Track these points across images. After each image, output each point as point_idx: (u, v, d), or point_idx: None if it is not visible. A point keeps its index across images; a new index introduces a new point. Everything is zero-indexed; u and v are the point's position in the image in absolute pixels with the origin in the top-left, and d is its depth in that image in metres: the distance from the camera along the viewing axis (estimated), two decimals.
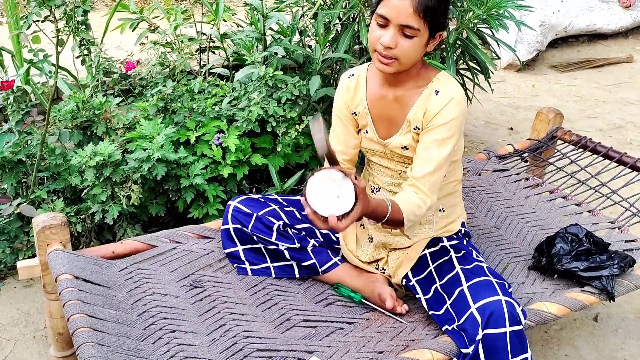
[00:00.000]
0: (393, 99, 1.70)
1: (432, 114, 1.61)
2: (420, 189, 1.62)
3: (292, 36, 2.62)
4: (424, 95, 1.65)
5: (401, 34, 1.52)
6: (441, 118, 1.60)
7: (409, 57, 1.55)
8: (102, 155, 2.08)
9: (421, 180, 1.62)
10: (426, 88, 1.65)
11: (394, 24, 1.52)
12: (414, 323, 1.67)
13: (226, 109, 2.43)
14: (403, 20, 1.50)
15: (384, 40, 1.53)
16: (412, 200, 1.61)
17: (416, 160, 1.65)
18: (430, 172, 1.61)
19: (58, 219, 1.72)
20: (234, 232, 1.85)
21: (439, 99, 1.62)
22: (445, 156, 1.61)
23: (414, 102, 1.66)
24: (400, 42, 1.53)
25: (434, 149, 1.61)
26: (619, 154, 2.34)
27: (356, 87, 1.77)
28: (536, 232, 2.07)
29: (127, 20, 2.94)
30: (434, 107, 1.61)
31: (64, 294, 1.55)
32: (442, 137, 1.60)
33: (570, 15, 4.87)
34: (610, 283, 1.71)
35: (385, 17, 1.52)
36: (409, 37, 1.52)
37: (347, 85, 1.78)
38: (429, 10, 1.50)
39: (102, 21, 3.00)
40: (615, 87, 4.54)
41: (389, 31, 1.53)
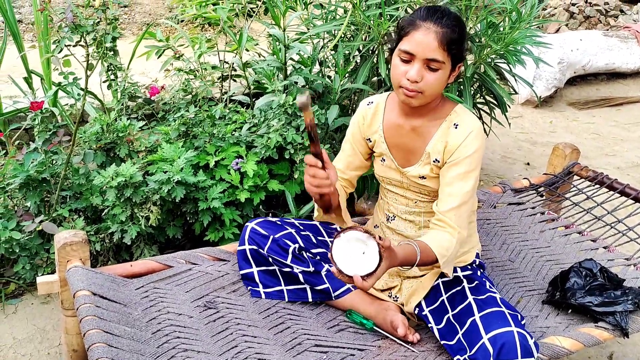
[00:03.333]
0: (410, 129, 1.74)
1: (453, 148, 1.64)
2: (447, 223, 1.65)
3: (312, 66, 2.68)
4: (443, 128, 1.69)
5: (426, 67, 1.57)
6: (462, 152, 1.63)
7: (434, 89, 1.60)
8: (123, 176, 2.13)
9: (447, 214, 1.65)
10: (445, 121, 1.69)
11: (419, 59, 1.57)
12: (426, 352, 1.67)
13: (245, 135, 2.49)
14: (429, 54, 1.55)
15: (411, 75, 1.57)
16: (441, 237, 1.63)
17: (441, 195, 1.68)
18: (456, 207, 1.64)
19: (79, 237, 1.76)
20: (250, 254, 1.88)
21: (459, 133, 1.65)
22: (470, 190, 1.64)
23: (433, 134, 1.70)
24: (425, 75, 1.58)
25: (457, 183, 1.64)
26: (635, 191, 2.33)
27: (374, 115, 1.82)
28: (551, 267, 2.07)
29: (154, 47, 3.04)
30: (455, 141, 1.65)
31: (82, 310, 1.58)
32: (465, 171, 1.63)
33: (589, 54, 4.91)
34: (625, 319, 1.70)
35: (410, 53, 1.57)
36: (434, 70, 1.57)
37: (365, 112, 1.84)
38: (452, 42, 1.56)
39: (129, 48, 3.10)
40: (634, 125, 4.54)
41: (415, 66, 1.57)
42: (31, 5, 4.99)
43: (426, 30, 1.56)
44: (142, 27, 6.60)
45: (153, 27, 5.07)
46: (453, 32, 1.56)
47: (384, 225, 1.86)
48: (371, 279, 1.43)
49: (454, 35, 1.56)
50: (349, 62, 2.56)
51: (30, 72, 2.82)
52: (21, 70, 2.88)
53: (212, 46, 3.14)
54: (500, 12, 2.60)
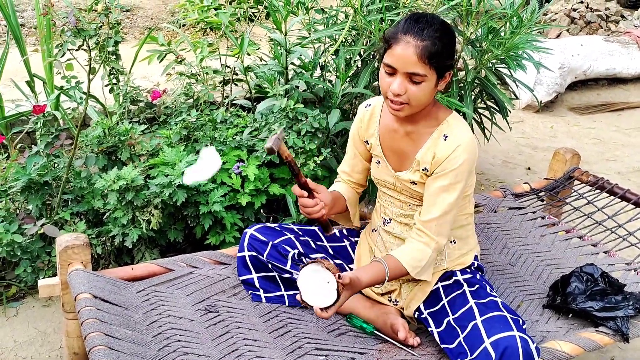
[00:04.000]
0: (404, 134, 1.74)
1: (440, 160, 1.65)
2: (424, 232, 1.67)
3: (313, 71, 2.69)
4: (433, 137, 1.69)
5: (409, 80, 1.57)
6: (448, 165, 1.63)
7: (418, 101, 1.60)
8: (125, 179, 2.14)
9: (427, 224, 1.67)
10: (436, 130, 1.69)
11: (401, 72, 1.56)
12: (426, 356, 1.67)
13: (247, 139, 2.49)
14: (409, 68, 1.55)
15: (393, 89, 1.58)
16: (414, 247, 1.67)
17: (424, 204, 1.69)
18: (436, 217, 1.65)
19: (81, 240, 1.77)
20: (249, 260, 1.88)
21: (447, 145, 1.65)
22: (452, 201, 1.65)
23: (424, 142, 1.70)
24: (408, 88, 1.57)
25: (440, 195, 1.65)
26: (636, 196, 2.34)
27: (371, 117, 1.83)
28: (551, 271, 2.07)
29: (156, 52, 3.05)
30: (442, 153, 1.65)
31: (83, 313, 1.58)
32: (449, 183, 1.64)
33: (589, 59, 4.92)
34: (625, 324, 1.70)
35: (392, 66, 1.57)
36: (417, 82, 1.56)
37: (363, 115, 1.85)
38: (433, 56, 1.54)
39: (131, 52, 3.11)
40: (635, 131, 4.54)
41: (397, 79, 1.57)
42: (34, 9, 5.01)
43: (405, 44, 1.54)
44: (144, 31, 6.63)
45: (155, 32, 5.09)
46: (433, 44, 1.53)
47: (381, 229, 1.86)
48: (330, 310, 1.51)
49: (434, 48, 1.53)
50: (350, 67, 2.57)
51: (33, 76, 2.84)
52: (24, 74, 2.89)
53: (214, 50, 3.15)
54: (500, 17, 2.61)
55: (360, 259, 1.91)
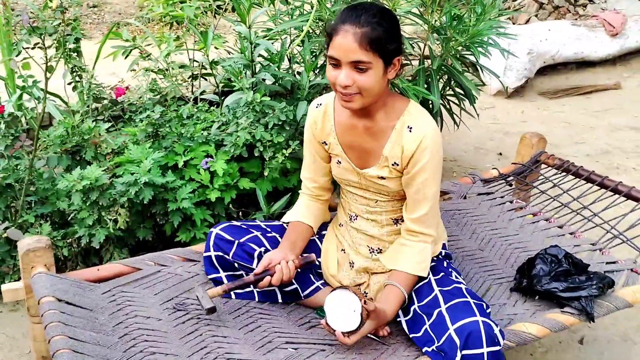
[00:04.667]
0: (364, 130, 1.71)
1: (410, 153, 1.63)
2: (418, 232, 1.69)
3: (280, 63, 2.67)
4: (397, 130, 1.66)
5: (355, 70, 1.54)
6: (421, 157, 1.62)
7: (369, 90, 1.57)
8: (89, 179, 2.10)
9: (419, 221, 1.68)
10: (398, 122, 1.66)
11: (345, 62, 1.54)
12: (396, 344, 1.67)
13: (215, 134, 2.47)
14: (351, 57, 1.52)
15: (340, 80, 1.55)
16: (414, 252, 1.69)
17: (410, 202, 1.69)
18: (426, 212, 1.67)
19: (42, 242, 1.74)
20: (215, 259, 1.86)
21: (414, 137, 1.63)
22: (436, 190, 1.66)
23: (387, 136, 1.67)
24: (356, 78, 1.54)
25: (424, 188, 1.65)
26: (600, 177, 2.37)
27: (324, 117, 1.78)
28: (519, 254, 2.09)
29: (120, 47, 3.00)
30: (410, 146, 1.63)
31: (46, 316, 1.55)
32: (429, 175, 1.64)
33: (558, 44, 4.96)
34: (590, 304, 1.72)
35: (335, 58, 1.55)
36: (363, 70, 1.54)
37: (316, 115, 1.79)
38: (374, 42, 1.51)
39: (96, 48, 3.05)
40: (603, 113, 4.60)
41: (342, 70, 1.55)
42: None
43: (344, 33, 1.52)
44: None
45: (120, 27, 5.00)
46: (373, 30, 1.51)
47: (348, 225, 1.85)
48: (354, 336, 1.55)
49: (374, 33, 1.51)
50: (317, 58, 2.55)
51: None
52: None
53: (181, 45, 3.11)
54: (464, 3, 2.62)
55: (327, 253, 1.90)
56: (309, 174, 1.88)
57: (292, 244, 1.79)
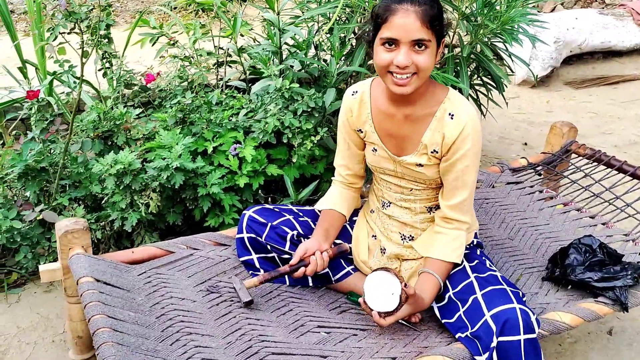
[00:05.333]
0: (403, 118, 1.70)
1: (452, 140, 1.63)
2: (453, 219, 1.69)
3: (307, 50, 2.67)
4: (437, 117, 1.66)
5: (413, 49, 1.53)
6: (463, 144, 1.62)
7: (426, 70, 1.56)
8: (122, 163, 2.13)
9: (455, 208, 1.68)
10: (438, 109, 1.65)
11: (405, 42, 1.52)
12: (427, 331, 1.68)
13: (243, 120, 2.48)
14: (414, 35, 1.51)
15: (400, 61, 1.52)
16: (449, 239, 1.69)
17: (448, 189, 1.68)
18: (464, 200, 1.67)
19: (80, 224, 1.77)
20: (248, 241, 1.88)
21: (455, 124, 1.62)
22: (474, 178, 1.67)
23: (427, 123, 1.67)
24: (414, 58, 1.53)
25: (465, 176, 1.65)
26: (633, 168, 2.34)
27: (360, 105, 1.77)
28: (550, 244, 2.08)
29: (148, 35, 3.02)
30: (452, 133, 1.62)
31: (85, 296, 1.59)
32: (470, 162, 1.64)
33: (584, 33, 4.89)
34: (624, 294, 1.71)
35: (394, 38, 1.53)
36: (422, 50, 1.53)
37: (352, 103, 1.79)
38: (434, 18, 1.52)
39: (123, 36, 3.08)
40: (631, 103, 4.54)
41: (401, 50, 1.53)
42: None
43: (405, 12, 1.51)
44: (135, 15, 6.54)
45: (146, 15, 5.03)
46: (432, 7, 1.52)
47: (380, 211, 1.85)
48: (390, 318, 1.57)
49: (433, 10, 1.52)
50: (344, 45, 2.55)
51: (25, 62, 2.81)
52: (15, 60, 2.86)
53: (207, 32, 3.12)
54: None
55: (358, 239, 1.91)
56: (342, 162, 1.88)
57: (325, 232, 1.81)
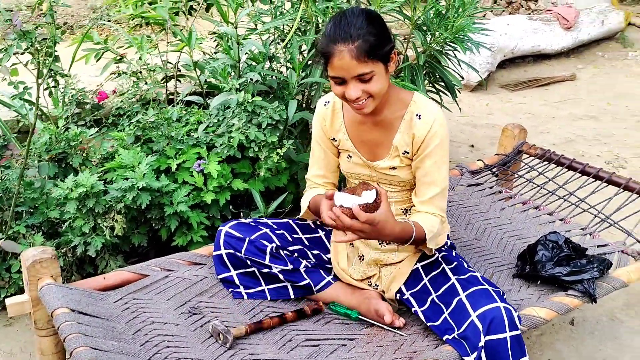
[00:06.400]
0: (373, 124, 1.75)
1: (421, 139, 1.68)
2: (429, 212, 1.71)
3: (264, 62, 2.66)
4: (406, 120, 1.71)
5: (360, 81, 1.57)
6: (432, 141, 1.67)
7: (379, 93, 1.61)
8: (84, 186, 2.05)
9: (428, 203, 1.70)
10: (406, 112, 1.71)
11: (349, 78, 1.57)
12: (413, 335, 1.71)
13: (203, 135, 2.44)
14: (354, 72, 1.55)
15: (350, 95, 1.58)
16: (428, 217, 1.70)
17: (420, 186, 1.72)
18: (437, 193, 1.70)
19: (48, 253, 1.69)
20: (226, 258, 1.86)
21: (423, 123, 1.68)
22: (446, 174, 1.70)
23: (397, 127, 1.72)
24: (363, 87, 1.58)
25: (434, 171, 1.69)
26: (582, 165, 2.48)
27: (333, 114, 1.81)
28: (515, 242, 2.17)
29: (92, 50, 2.92)
30: (421, 132, 1.68)
31: (64, 328, 1.51)
32: (438, 158, 1.68)
33: (515, 38, 5.14)
34: (592, 285, 1.81)
35: (338, 77, 1.58)
36: (369, 79, 1.57)
37: (324, 113, 1.83)
38: (370, 52, 1.54)
39: (66, 52, 2.96)
40: (562, 103, 4.80)
41: (349, 85, 1.58)
42: None
43: (340, 53, 1.53)
44: (66, 30, 6.31)
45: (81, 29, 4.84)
46: (365, 41, 1.53)
47: None
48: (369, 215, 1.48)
49: (367, 44, 1.53)
50: (304, 57, 2.56)
51: None
52: None
53: (154, 46, 3.06)
54: None
55: (336, 247, 1.93)
56: (319, 172, 1.89)
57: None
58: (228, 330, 1.62)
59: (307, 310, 1.79)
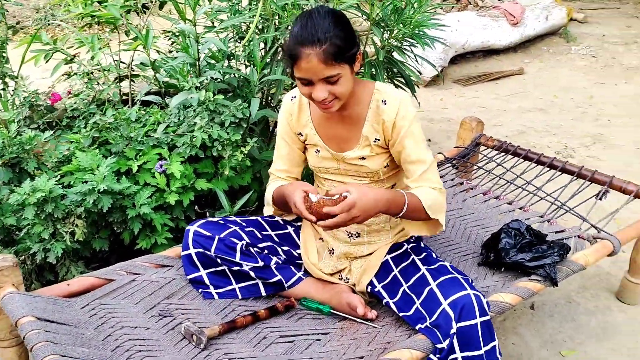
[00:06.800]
0: (340, 119, 1.77)
1: (391, 122, 1.69)
2: (429, 180, 1.70)
3: (223, 60, 2.64)
4: (372, 108, 1.73)
5: (327, 83, 1.59)
6: (403, 122, 1.68)
7: (344, 93, 1.63)
8: (42, 191, 1.98)
9: (420, 180, 1.70)
10: (371, 101, 1.73)
11: (316, 80, 1.58)
12: (386, 326, 1.73)
13: (162, 136, 2.40)
14: (321, 75, 1.56)
15: (317, 97, 1.60)
16: (423, 189, 1.69)
17: (408, 167, 1.73)
18: (426, 170, 1.70)
19: (9, 261, 1.62)
20: (196, 257, 1.83)
21: (390, 107, 1.70)
22: (426, 150, 1.71)
23: (364, 117, 1.74)
24: (330, 89, 1.59)
25: (417, 149, 1.69)
26: (537, 155, 2.57)
27: (300, 109, 1.82)
28: (478, 232, 2.22)
29: (41, 51, 2.83)
30: (390, 116, 1.70)
31: (31, 337, 1.45)
32: (416, 137, 1.69)
33: (466, 34, 5.27)
34: (553, 270, 1.88)
35: (305, 79, 1.59)
36: (335, 82, 1.59)
37: (291, 108, 1.84)
38: (337, 55, 1.54)
39: (13, 54, 2.85)
40: (512, 97, 4.95)
41: (316, 87, 1.59)
42: None
43: (307, 56, 1.53)
44: (7, 31, 6.06)
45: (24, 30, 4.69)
46: (332, 44, 1.53)
47: None
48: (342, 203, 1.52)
49: (334, 47, 1.53)
50: (266, 54, 2.55)
51: None
52: None
53: (106, 45, 2.98)
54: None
55: (306, 243, 1.93)
56: (284, 166, 1.90)
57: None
58: (201, 331, 1.59)
59: (279, 307, 1.79)
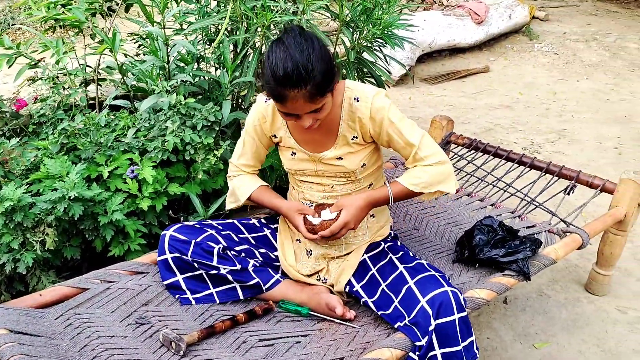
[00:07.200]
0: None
1: (368, 117, 1.70)
2: (423, 159, 1.72)
3: (193, 63, 2.61)
4: (345, 107, 1.73)
5: (313, 112, 1.59)
6: (381, 113, 1.69)
7: (327, 114, 1.65)
8: (10, 200, 1.93)
9: (414, 160, 1.74)
10: (343, 101, 1.74)
11: (302, 114, 1.59)
12: (365, 326, 1.75)
13: (133, 140, 2.36)
14: (307, 109, 1.57)
15: (304, 125, 1.61)
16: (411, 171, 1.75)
17: (402, 152, 1.75)
18: (417, 149, 1.71)
19: None
20: (172, 262, 1.81)
21: (363, 103, 1.71)
22: (413, 125, 1.73)
23: (339, 117, 1.75)
24: (315, 116, 1.61)
25: (403, 133, 1.70)
26: (506, 152, 2.62)
27: (274, 112, 1.81)
28: (452, 229, 2.26)
29: (4, 56, 2.75)
30: (365, 112, 1.70)
31: (5, 351, 1.42)
32: (398, 120, 1.70)
33: (432, 33, 5.33)
34: (526, 264, 1.92)
35: (292, 114, 1.60)
36: (320, 110, 1.60)
37: (265, 110, 1.82)
38: (320, 90, 1.54)
39: None
40: (479, 94, 5.04)
41: (302, 117, 1.60)
42: None
43: (293, 98, 1.53)
44: None
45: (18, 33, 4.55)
46: (316, 84, 1.52)
47: None
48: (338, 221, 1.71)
49: (318, 86, 1.53)
50: (237, 56, 2.53)
51: None
52: None
53: (71, 49, 2.92)
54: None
55: (283, 245, 1.93)
56: (246, 162, 1.93)
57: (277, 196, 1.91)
58: (180, 337, 1.58)
59: (257, 310, 1.78)
